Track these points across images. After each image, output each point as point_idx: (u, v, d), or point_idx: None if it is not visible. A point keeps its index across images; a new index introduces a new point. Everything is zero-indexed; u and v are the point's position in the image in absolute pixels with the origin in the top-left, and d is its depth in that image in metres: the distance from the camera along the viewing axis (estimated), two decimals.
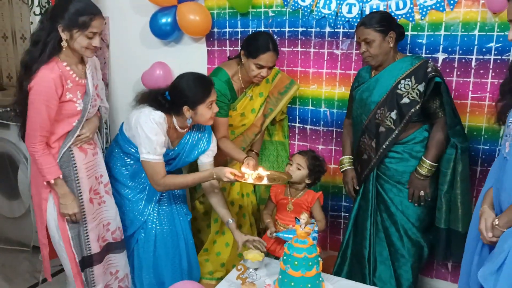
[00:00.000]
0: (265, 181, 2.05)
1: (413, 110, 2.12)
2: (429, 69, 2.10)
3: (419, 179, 2.15)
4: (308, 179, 2.31)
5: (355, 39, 2.50)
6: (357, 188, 2.35)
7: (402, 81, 2.14)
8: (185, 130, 2.22)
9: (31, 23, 2.78)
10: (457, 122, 2.15)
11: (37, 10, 2.74)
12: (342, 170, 2.42)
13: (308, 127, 2.74)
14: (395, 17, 2.34)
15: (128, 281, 2.26)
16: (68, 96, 1.89)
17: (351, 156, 2.40)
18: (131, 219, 2.24)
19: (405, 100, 2.13)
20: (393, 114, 2.16)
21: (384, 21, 2.14)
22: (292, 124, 2.78)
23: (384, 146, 2.19)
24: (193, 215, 2.65)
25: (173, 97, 2.11)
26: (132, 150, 2.20)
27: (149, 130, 2.02)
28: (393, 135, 2.17)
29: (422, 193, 2.16)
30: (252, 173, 2.04)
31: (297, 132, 2.78)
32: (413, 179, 2.18)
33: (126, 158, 2.24)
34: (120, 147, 2.25)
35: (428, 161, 2.13)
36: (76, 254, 2.02)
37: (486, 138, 2.33)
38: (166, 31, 2.87)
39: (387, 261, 2.26)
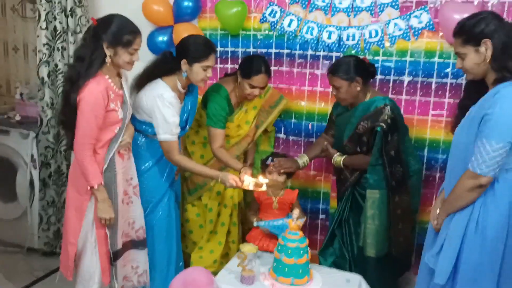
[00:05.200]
0: (264, 188, 2.34)
1: (365, 148, 2.44)
2: (381, 116, 2.33)
3: (331, 155, 2.53)
4: (286, 179, 2.64)
5: (333, 62, 2.88)
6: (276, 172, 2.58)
7: (362, 122, 2.40)
8: (185, 91, 2.46)
9: (38, 36, 2.97)
10: (380, 164, 2.36)
11: (43, 25, 2.94)
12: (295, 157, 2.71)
13: (291, 138, 3.08)
14: (368, 46, 2.74)
15: (147, 277, 2.44)
16: (112, 106, 2.09)
17: (307, 159, 2.67)
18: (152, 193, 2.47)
19: (364, 138, 2.43)
20: (358, 149, 2.48)
21: (350, 70, 2.36)
22: (277, 135, 3.10)
23: (356, 174, 2.50)
24: (185, 217, 2.90)
25: (177, 51, 2.39)
26: (144, 127, 2.42)
27: (167, 113, 2.28)
28: None
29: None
30: (252, 181, 2.34)
31: (280, 142, 3.11)
32: (329, 153, 2.55)
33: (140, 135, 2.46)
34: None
35: (341, 160, 2.47)
36: (111, 249, 2.20)
37: (444, 149, 2.74)
38: (162, 49, 3.13)
39: (366, 263, 2.51)
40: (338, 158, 2.52)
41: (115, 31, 2.05)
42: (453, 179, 1.76)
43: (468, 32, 1.71)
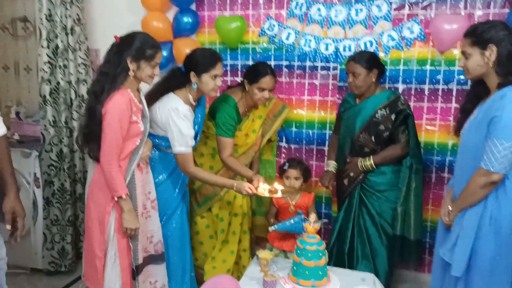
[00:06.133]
0: (279, 194, 2.43)
1: (385, 135, 2.61)
2: (400, 103, 2.58)
3: (356, 166, 2.65)
4: (302, 183, 2.75)
5: (331, 72, 3.03)
6: (330, 188, 2.84)
7: (379, 111, 2.60)
8: (195, 104, 2.54)
9: (39, 55, 2.97)
10: (418, 148, 2.64)
11: (45, 43, 2.95)
12: (326, 169, 2.88)
13: (293, 146, 3.19)
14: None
15: None
16: (134, 118, 2.15)
17: (335, 162, 2.84)
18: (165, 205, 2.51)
19: (381, 127, 2.61)
20: (373, 138, 2.63)
21: (370, 60, 2.58)
22: (279, 144, 3.20)
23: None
24: (195, 230, 2.94)
25: (185, 64, 2.48)
26: (158, 141, 2.48)
27: (182, 126, 2.36)
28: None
29: (352, 174, 2.69)
30: (267, 187, 2.42)
31: (282, 150, 3.22)
32: (353, 163, 2.67)
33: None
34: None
35: (372, 161, 2.62)
36: (133, 263, 2.23)
37: (438, 151, 2.92)
38: (162, 64, 3.18)
39: (368, 257, 2.70)
40: (367, 162, 2.63)
41: (139, 46, 2.14)
42: (463, 177, 1.90)
43: (478, 35, 1.86)
